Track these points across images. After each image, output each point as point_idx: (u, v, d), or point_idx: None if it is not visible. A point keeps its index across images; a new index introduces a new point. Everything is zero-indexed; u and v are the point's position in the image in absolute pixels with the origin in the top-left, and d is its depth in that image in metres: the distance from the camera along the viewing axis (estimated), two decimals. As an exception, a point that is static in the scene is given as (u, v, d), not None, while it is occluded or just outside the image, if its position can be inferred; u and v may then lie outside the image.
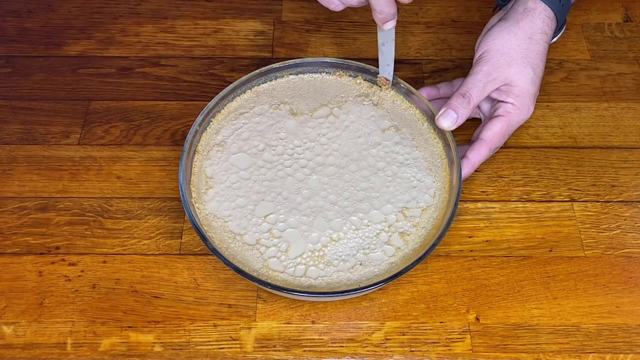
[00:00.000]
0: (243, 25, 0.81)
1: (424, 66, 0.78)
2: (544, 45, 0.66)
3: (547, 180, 0.68)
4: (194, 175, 0.64)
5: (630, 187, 0.68)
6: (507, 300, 0.60)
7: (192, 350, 0.57)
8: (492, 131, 0.64)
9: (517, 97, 0.64)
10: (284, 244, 0.60)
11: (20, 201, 0.66)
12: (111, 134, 0.71)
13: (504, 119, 0.64)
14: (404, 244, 0.60)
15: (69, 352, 0.57)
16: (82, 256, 0.62)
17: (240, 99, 0.69)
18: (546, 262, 0.63)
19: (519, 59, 0.64)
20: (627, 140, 0.71)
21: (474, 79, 0.64)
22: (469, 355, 0.58)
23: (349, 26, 0.82)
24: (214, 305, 0.60)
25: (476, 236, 0.64)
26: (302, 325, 0.59)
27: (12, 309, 0.59)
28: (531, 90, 0.65)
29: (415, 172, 0.65)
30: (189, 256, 0.63)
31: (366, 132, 0.67)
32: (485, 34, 0.67)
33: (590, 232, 0.65)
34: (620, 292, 0.61)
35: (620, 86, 0.76)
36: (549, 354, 0.58)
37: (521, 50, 0.64)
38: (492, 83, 0.64)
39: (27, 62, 0.77)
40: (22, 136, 0.70)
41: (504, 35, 0.65)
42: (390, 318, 0.59)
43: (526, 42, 0.64)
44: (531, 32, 0.65)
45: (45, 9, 0.83)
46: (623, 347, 0.58)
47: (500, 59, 0.64)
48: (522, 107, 0.65)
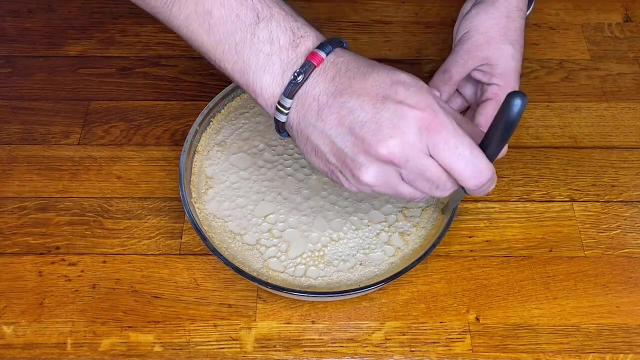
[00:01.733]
0: (243, 25, 0.81)
1: (424, 66, 0.78)
2: (520, 21, 0.66)
3: (547, 180, 0.68)
4: (194, 175, 0.64)
5: (630, 187, 0.68)
6: (507, 300, 0.60)
7: (192, 350, 0.57)
8: (485, 116, 0.65)
9: (500, 76, 0.65)
10: (284, 244, 0.60)
11: (20, 201, 0.66)
12: (111, 134, 0.71)
13: (493, 102, 0.65)
14: (404, 244, 0.60)
15: (69, 352, 0.57)
16: (82, 256, 0.62)
17: (240, 99, 0.69)
18: (546, 262, 0.63)
19: (498, 37, 0.65)
20: (627, 140, 0.71)
21: (455, 56, 0.65)
22: (469, 355, 0.58)
23: (349, 26, 0.82)
24: (214, 305, 0.60)
25: (476, 236, 0.64)
26: (302, 325, 0.59)
27: (12, 309, 0.59)
28: (513, 66, 0.65)
29: (415, 172, 0.65)
30: (189, 256, 0.63)
31: (366, 132, 0.67)
32: (464, 17, 0.68)
33: (590, 232, 0.65)
34: (620, 292, 0.61)
35: (620, 86, 0.76)
36: (549, 354, 0.58)
37: (499, 29, 0.65)
38: (473, 60, 0.65)
39: (27, 62, 0.77)
40: (22, 136, 0.70)
41: (482, 16, 0.66)
42: (390, 318, 0.59)
43: (504, 21, 0.65)
44: (507, 10, 0.66)
45: (45, 9, 0.82)
46: (623, 347, 0.58)
47: (479, 38, 0.65)
48: (508, 86, 0.65)
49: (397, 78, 0.48)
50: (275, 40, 0.48)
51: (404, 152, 0.46)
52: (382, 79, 0.47)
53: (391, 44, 0.80)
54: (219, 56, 0.50)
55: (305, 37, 0.49)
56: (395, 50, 0.79)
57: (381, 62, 0.50)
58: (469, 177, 0.47)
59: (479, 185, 0.48)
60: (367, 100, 0.47)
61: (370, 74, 0.48)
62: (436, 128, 0.46)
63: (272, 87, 0.49)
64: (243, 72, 0.49)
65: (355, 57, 0.50)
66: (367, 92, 0.47)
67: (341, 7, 0.84)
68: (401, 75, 0.48)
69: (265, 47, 0.48)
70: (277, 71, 0.48)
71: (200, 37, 0.50)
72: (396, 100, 0.46)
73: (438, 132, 0.46)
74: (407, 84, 0.47)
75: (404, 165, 0.47)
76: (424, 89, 0.48)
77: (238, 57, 0.49)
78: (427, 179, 0.48)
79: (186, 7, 0.50)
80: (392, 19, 0.83)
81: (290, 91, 0.48)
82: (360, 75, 0.48)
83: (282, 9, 0.50)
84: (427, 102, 0.47)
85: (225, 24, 0.49)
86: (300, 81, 0.48)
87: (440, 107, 0.47)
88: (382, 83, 0.47)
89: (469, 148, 0.46)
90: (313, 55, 0.48)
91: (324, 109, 0.48)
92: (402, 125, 0.46)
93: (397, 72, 0.48)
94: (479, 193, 0.50)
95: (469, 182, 0.47)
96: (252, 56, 0.48)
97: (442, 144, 0.46)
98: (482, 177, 0.47)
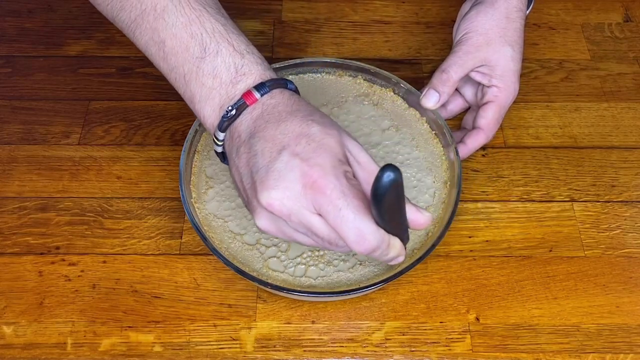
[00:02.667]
0: (243, 25, 0.81)
1: (424, 66, 0.78)
2: (520, 22, 0.66)
3: (547, 180, 0.68)
4: (194, 175, 0.64)
5: (630, 187, 0.68)
6: (507, 300, 0.60)
7: (192, 350, 0.57)
8: (486, 119, 0.66)
9: (500, 77, 0.65)
10: (284, 244, 0.60)
11: (20, 201, 0.66)
12: (111, 134, 0.71)
13: (494, 104, 0.66)
14: (404, 244, 0.60)
15: (69, 352, 0.57)
16: (82, 256, 0.62)
17: (240, 99, 0.69)
18: (546, 262, 0.63)
19: (497, 38, 0.65)
20: (627, 140, 0.71)
21: (453, 57, 0.65)
22: (469, 355, 0.58)
23: (349, 26, 0.82)
24: (214, 305, 0.60)
25: (476, 236, 0.64)
26: (302, 325, 0.59)
27: (12, 309, 0.59)
28: (512, 67, 0.66)
29: (415, 172, 0.65)
30: (189, 256, 0.63)
31: (366, 132, 0.67)
32: (463, 17, 0.68)
33: (590, 232, 0.65)
34: (620, 292, 0.61)
35: (620, 86, 0.76)
36: (549, 354, 0.58)
37: (499, 30, 0.65)
38: (472, 61, 0.65)
39: (27, 62, 0.77)
40: (22, 136, 0.70)
41: (481, 17, 0.66)
42: (390, 318, 0.59)
43: (503, 22, 0.65)
44: (507, 11, 0.66)
45: (45, 9, 0.82)
46: (623, 347, 0.58)
47: (479, 39, 0.65)
48: (508, 87, 0.66)
49: (306, 130, 0.48)
50: (217, 76, 0.51)
51: (285, 205, 0.46)
52: (291, 128, 0.48)
53: (391, 44, 0.80)
54: (172, 82, 0.54)
55: (247, 75, 0.51)
56: (395, 50, 0.79)
57: (382, 61, 0.50)
58: (353, 241, 0.46)
59: (364, 251, 0.47)
60: (269, 146, 0.48)
61: (284, 121, 0.49)
62: (321, 187, 0.46)
63: (211, 119, 0.52)
64: (191, 100, 0.52)
65: (288, 101, 0.51)
66: (273, 138, 0.48)
67: (341, 7, 0.84)
68: (312, 129, 0.48)
69: (209, 80, 0.51)
70: (217, 105, 0.51)
71: (157, 62, 0.54)
72: (293, 153, 0.47)
73: (322, 192, 0.46)
74: (311, 138, 0.47)
75: (287, 218, 0.47)
76: (326, 148, 0.47)
77: (186, 87, 0.52)
78: (317, 235, 0.48)
79: (146, 33, 0.52)
80: (392, 19, 0.83)
81: (224, 125, 0.50)
82: (276, 120, 0.49)
83: (230, 44, 0.51)
84: (321, 160, 0.46)
85: (177, 54, 0.51)
86: (231, 117, 0.50)
87: (332, 168, 0.46)
88: (289, 132, 0.48)
89: (354, 212, 0.46)
90: (248, 94, 0.50)
91: (241, 147, 0.50)
92: (288, 178, 0.46)
93: (312, 124, 0.48)
94: (385, 261, 0.51)
95: (353, 247, 0.47)
96: (197, 87, 0.51)
97: (326, 204, 0.46)
98: (367, 243, 0.47)
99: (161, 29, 0.51)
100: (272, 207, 0.47)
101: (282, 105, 0.50)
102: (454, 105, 0.71)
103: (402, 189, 0.45)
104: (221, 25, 0.52)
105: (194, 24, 0.51)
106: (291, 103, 0.50)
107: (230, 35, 0.52)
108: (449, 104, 0.71)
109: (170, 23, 0.51)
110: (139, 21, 0.52)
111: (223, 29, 0.52)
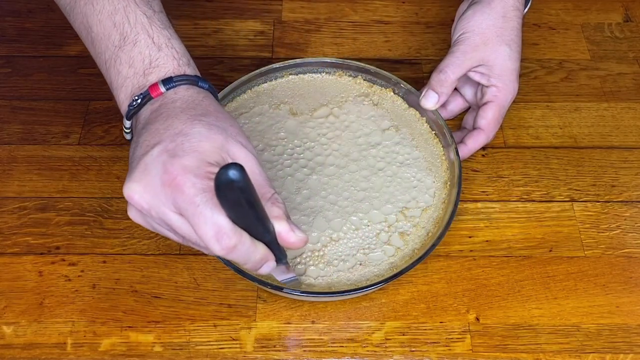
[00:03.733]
0: (243, 25, 0.81)
1: (424, 66, 0.78)
2: (517, 21, 0.67)
3: (547, 180, 0.68)
4: (194, 175, 0.63)
5: (630, 187, 0.68)
6: (507, 300, 0.60)
7: (192, 350, 0.57)
8: (486, 119, 0.66)
9: (499, 77, 0.65)
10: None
11: (20, 201, 0.66)
12: (111, 134, 0.71)
13: (493, 104, 0.66)
14: (404, 244, 0.60)
15: (69, 352, 0.57)
16: (82, 256, 0.62)
17: (240, 99, 0.69)
18: (546, 262, 0.63)
19: (494, 37, 0.65)
20: (627, 140, 0.71)
21: (451, 57, 0.66)
22: (469, 355, 0.58)
23: (349, 26, 0.82)
24: (214, 305, 0.60)
25: (476, 236, 0.64)
26: (302, 325, 0.59)
27: (12, 309, 0.59)
28: (510, 66, 0.66)
29: (415, 172, 0.65)
30: (189, 256, 0.63)
31: (366, 132, 0.67)
32: (460, 17, 0.68)
33: (590, 232, 0.65)
34: (620, 292, 0.61)
35: (620, 86, 0.76)
36: (549, 354, 0.58)
37: (496, 30, 0.65)
38: (469, 61, 0.65)
39: (27, 62, 0.77)
40: (22, 136, 0.70)
41: (478, 17, 0.66)
42: (390, 318, 0.59)
43: (500, 21, 0.65)
44: (504, 10, 0.66)
45: (45, 9, 0.82)
46: (623, 347, 0.58)
47: (476, 39, 0.65)
48: (507, 87, 0.66)
49: (187, 129, 0.48)
50: (133, 65, 0.52)
51: (144, 199, 0.46)
52: (175, 124, 0.48)
53: (391, 44, 0.80)
54: (99, 67, 0.56)
55: (160, 68, 0.52)
56: (395, 50, 0.79)
57: (382, 61, 0.50)
58: (212, 237, 0.44)
59: (225, 247, 0.45)
60: (149, 139, 0.48)
61: (173, 117, 0.49)
62: (179, 185, 0.45)
63: (123, 106, 0.53)
64: (110, 85, 0.54)
65: (189, 98, 0.51)
66: (155, 132, 0.48)
67: (341, 7, 0.84)
68: (194, 129, 0.48)
69: (125, 69, 0.52)
70: (129, 93, 0.52)
71: (87, 46, 0.56)
72: (164, 149, 0.47)
73: (180, 190, 0.45)
74: (187, 138, 0.47)
75: (148, 213, 0.47)
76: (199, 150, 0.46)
77: (107, 73, 0.54)
78: (180, 235, 0.48)
79: (78, 17, 0.55)
80: (392, 19, 0.83)
81: (130, 114, 0.52)
82: (167, 115, 0.49)
83: (150, 37, 0.52)
84: (187, 160, 0.46)
85: (100, 40, 0.53)
86: (136, 106, 0.51)
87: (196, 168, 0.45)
88: (171, 129, 0.48)
89: (211, 209, 0.44)
90: (154, 86, 0.51)
91: (135, 137, 0.51)
92: (151, 173, 0.46)
93: (197, 125, 0.48)
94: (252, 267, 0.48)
95: (212, 244, 0.45)
96: (114, 75, 0.53)
97: (184, 202, 0.45)
98: (226, 239, 0.44)
99: (90, 14, 0.54)
100: (132, 199, 0.47)
101: (180, 102, 0.50)
102: (454, 105, 0.71)
103: (248, 194, 0.42)
104: (146, 17, 0.53)
105: (119, 13, 0.53)
106: (191, 100, 0.51)
107: (153, 28, 0.53)
108: (449, 104, 0.71)
109: (98, 10, 0.53)
110: (72, 4, 0.55)
111: (147, 21, 0.53)
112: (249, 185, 0.42)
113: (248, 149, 0.49)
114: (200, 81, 0.53)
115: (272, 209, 0.47)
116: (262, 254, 0.47)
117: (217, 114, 0.50)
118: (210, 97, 0.52)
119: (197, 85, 0.52)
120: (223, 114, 0.51)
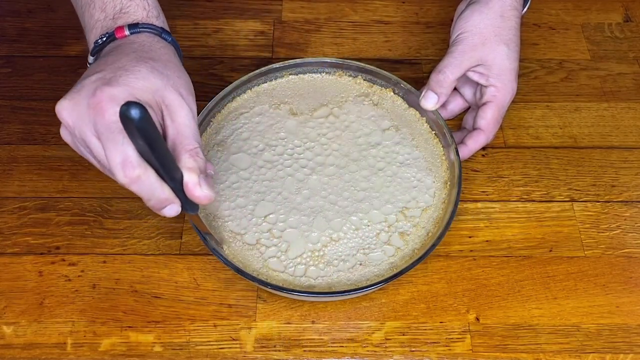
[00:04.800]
0: (243, 25, 0.81)
1: (424, 66, 0.78)
2: (515, 20, 0.67)
3: (547, 180, 0.68)
4: (194, 175, 0.63)
5: (630, 187, 0.68)
6: (507, 300, 0.60)
7: (192, 350, 0.57)
8: (486, 119, 0.66)
9: (497, 77, 0.65)
10: (284, 244, 0.60)
11: (20, 201, 0.66)
12: (111, 134, 0.71)
13: (492, 104, 0.66)
14: (404, 244, 0.60)
15: (69, 352, 0.57)
16: (82, 256, 0.62)
17: (240, 99, 0.69)
18: (546, 262, 0.63)
19: (492, 37, 0.65)
20: (627, 140, 0.71)
21: (450, 57, 0.66)
22: (469, 355, 0.58)
23: (349, 26, 0.82)
24: (214, 305, 0.60)
25: (476, 236, 0.64)
26: (302, 325, 0.59)
27: (12, 309, 0.59)
28: (509, 65, 0.66)
29: (415, 172, 0.65)
30: (189, 256, 0.63)
31: (366, 132, 0.67)
32: (458, 17, 0.68)
33: (590, 232, 0.65)
34: (620, 292, 0.61)
35: (620, 86, 0.76)
36: (549, 354, 0.58)
37: (494, 29, 0.65)
38: (468, 61, 0.65)
39: (27, 62, 0.77)
40: (22, 136, 0.70)
41: (476, 17, 0.66)
42: (390, 318, 0.59)
43: (498, 21, 0.66)
44: (502, 10, 0.66)
45: (45, 9, 0.82)
46: (623, 347, 0.58)
47: (474, 39, 0.65)
48: (505, 87, 0.66)
49: (131, 66, 0.50)
50: (104, 10, 0.56)
51: (71, 117, 0.48)
52: (123, 60, 0.51)
53: (391, 44, 0.80)
54: (77, 12, 0.59)
55: (129, 15, 0.56)
56: (395, 50, 0.79)
57: (382, 61, 0.50)
58: (119, 163, 0.46)
59: (130, 176, 0.46)
60: (95, 67, 0.51)
61: (122, 54, 0.52)
62: (102, 110, 0.47)
63: (91, 47, 0.57)
64: (84, 28, 0.58)
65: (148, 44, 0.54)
66: (103, 63, 0.51)
67: (341, 7, 0.84)
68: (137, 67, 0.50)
69: (97, 13, 0.56)
70: (98, 35, 0.56)
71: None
72: (102, 77, 0.49)
73: (102, 115, 0.47)
74: (128, 73, 0.49)
75: (72, 131, 0.49)
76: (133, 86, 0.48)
77: (82, 16, 0.58)
78: (94, 157, 0.49)
79: None
80: (392, 19, 0.83)
81: (94, 50, 0.56)
82: (119, 52, 0.52)
83: None
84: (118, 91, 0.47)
85: None
86: (100, 44, 0.55)
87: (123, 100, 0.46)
88: (116, 63, 0.50)
89: (124, 137, 0.45)
90: (120, 29, 0.55)
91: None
92: (82, 94, 0.48)
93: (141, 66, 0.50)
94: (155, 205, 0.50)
95: (118, 171, 0.46)
96: (88, 18, 0.57)
97: (102, 126, 0.47)
98: (132, 168, 0.46)
99: None
100: (60, 114, 0.48)
101: (137, 44, 0.54)
102: (454, 105, 0.71)
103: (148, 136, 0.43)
104: None
105: None
106: (148, 46, 0.54)
107: None
108: (449, 104, 0.71)
109: None
110: None
111: None
112: (149, 128, 0.43)
113: (186, 101, 0.51)
114: (164, 33, 0.56)
115: (187, 160, 0.49)
116: (167, 195, 0.49)
117: (168, 63, 0.53)
118: (168, 48, 0.55)
119: (160, 36, 0.56)
120: (175, 64, 0.53)
